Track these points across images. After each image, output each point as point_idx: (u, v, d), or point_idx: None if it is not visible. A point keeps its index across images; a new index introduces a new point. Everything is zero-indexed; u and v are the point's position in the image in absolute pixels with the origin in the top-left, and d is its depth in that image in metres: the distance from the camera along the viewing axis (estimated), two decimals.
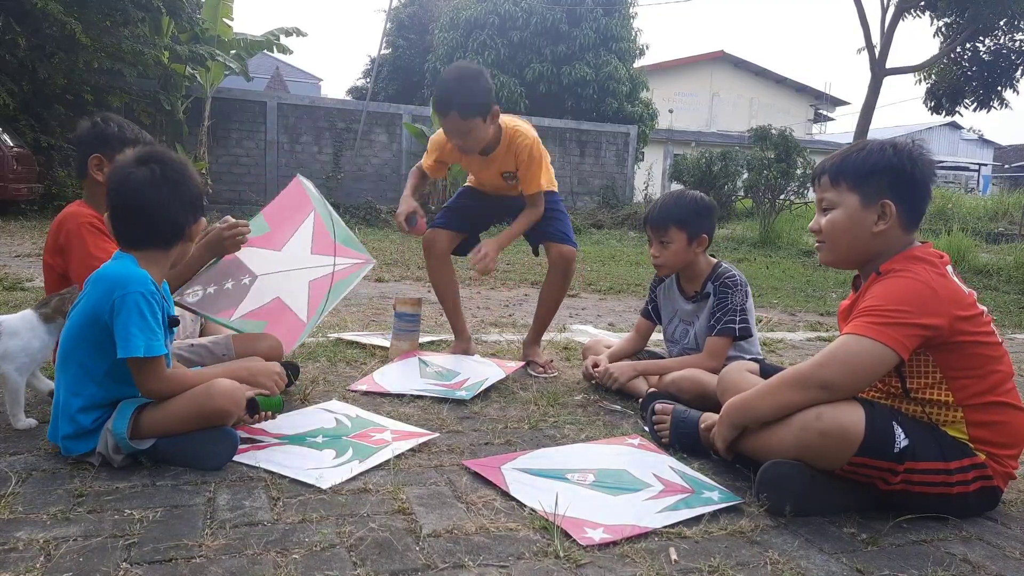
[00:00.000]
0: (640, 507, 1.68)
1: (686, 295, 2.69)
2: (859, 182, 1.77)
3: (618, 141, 16.19)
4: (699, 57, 30.60)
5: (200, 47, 11.56)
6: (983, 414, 1.67)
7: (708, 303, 2.59)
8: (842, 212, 1.81)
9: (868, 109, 10.29)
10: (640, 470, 1.90)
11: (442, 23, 18.48)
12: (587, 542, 1.49)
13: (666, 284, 2.78)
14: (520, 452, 2.01)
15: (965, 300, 1.68)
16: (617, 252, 9.20)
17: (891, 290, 1.67)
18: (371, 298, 4.90)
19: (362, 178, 14.07)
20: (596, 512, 1.64)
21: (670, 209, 2.57)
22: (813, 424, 1.62)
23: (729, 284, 2.55)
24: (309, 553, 1.39)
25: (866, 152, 1.79)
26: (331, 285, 2.53)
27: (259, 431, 2.03)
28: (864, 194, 1.77)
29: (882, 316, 1.63)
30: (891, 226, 1.75)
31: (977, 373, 1.67)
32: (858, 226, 1.78)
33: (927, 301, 1.63)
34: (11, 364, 1.86)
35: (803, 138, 22.24)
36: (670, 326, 2.76)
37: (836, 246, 1.85)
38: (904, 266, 1.70)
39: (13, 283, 4.46)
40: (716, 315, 2.54)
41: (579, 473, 1.87)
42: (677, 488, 1.79)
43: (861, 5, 10.10)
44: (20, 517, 1.47)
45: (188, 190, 1.80)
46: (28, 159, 9.82)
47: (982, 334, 1.67)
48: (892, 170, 1.74)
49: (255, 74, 15.76)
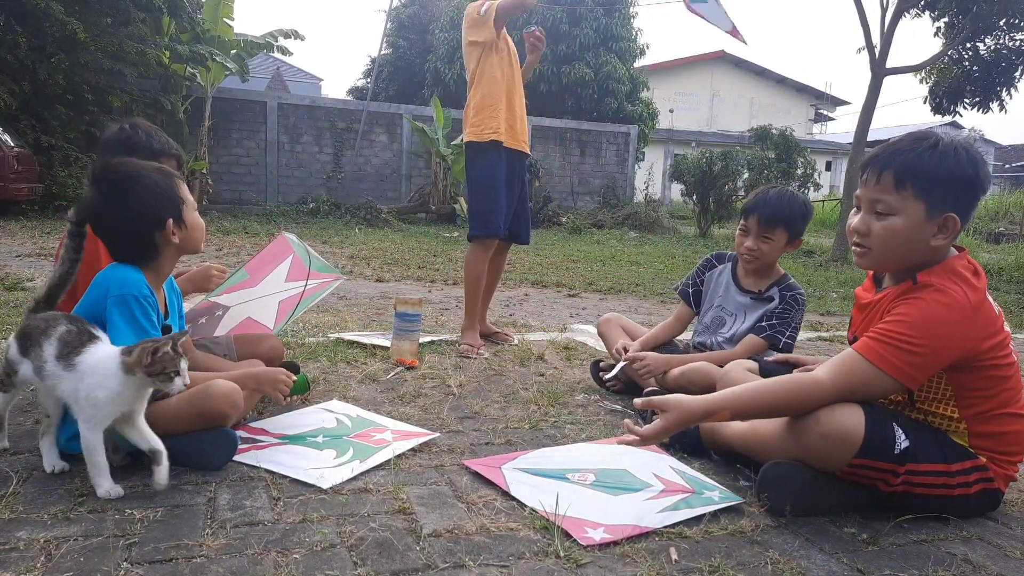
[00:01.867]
0: (641, 507, 1.68)
1: (743, 287, 2.66)
2: (929, 189, 1.57)
3: (618, 141, 16.18)
4: (699, 57, 30.61)
5: (201, 47, 11.56)
6: (986, 426, 1.66)
7: (768, 306, 2.58)
8: (903, 221, 1.60)
9: (868, 109, 10.28)
10: (640, 470, 1.90)
11: (442, 23, 18.47)
12: (588, 542, 1.49)
13: (721, 269, 2.75)
14: (520, 452, 2.02)
15: (995, 325, 1.61)
16: (617, 252, 9.19)
17: (920, 316, 1.56)
18: (371, 298, 4.90)
19: (363, 178, 14.06)
20: (596, 512, 1.63)
21: (784, 207, 2.55)
22: (813, 427, 1.62)
23: (798, 300, 2.58)
24: (310, 553, 1.39)
25: (939, 154, 1.56)
26: (300, 300, 2.58)
27: (259, 431, 2.03)
28: (931, 204, 1.57)
29: (902, 348, 1.56)
30: (949, 239, 1.62)
31: (988, 393, 1.64)
32: (917, 238, 1.60)
33: (955, 332, 1.55)
34: (80, 416, 1.55)
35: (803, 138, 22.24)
36: (708, 311, 2.74)
37: (888, 256, 1.66)
38: (943, 283, 1.58)
39: (14, 283, 4.46)
40: (772, 321, 2.55)
41: (579, 473, 1.87)
42: (678, 488, 1.79)
43: (861, 5, 10.08)
44: (21, 517, 1.47)
45: (138, 201, 1.73)
46: (29, 159, 9.81)
47: (1001, 357, 1.63)
48: (964, 181, 1.56)
49: (256, 74, 15.77)
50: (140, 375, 1.53)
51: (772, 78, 31.60)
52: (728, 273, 2.72)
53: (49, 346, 1.56)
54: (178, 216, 1.80)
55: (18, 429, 1.96)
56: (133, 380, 1.54)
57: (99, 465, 1.55)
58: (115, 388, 1.53)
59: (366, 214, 12.07)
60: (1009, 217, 15.82)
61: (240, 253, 7.25)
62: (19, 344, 1.64)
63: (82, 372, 1.53)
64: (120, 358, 1.54)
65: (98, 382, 1.52)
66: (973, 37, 10.50)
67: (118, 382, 1.53)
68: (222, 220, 10.82)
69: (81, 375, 1.53)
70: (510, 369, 2.99)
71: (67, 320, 1.61)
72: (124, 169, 1.77)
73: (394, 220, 11.97)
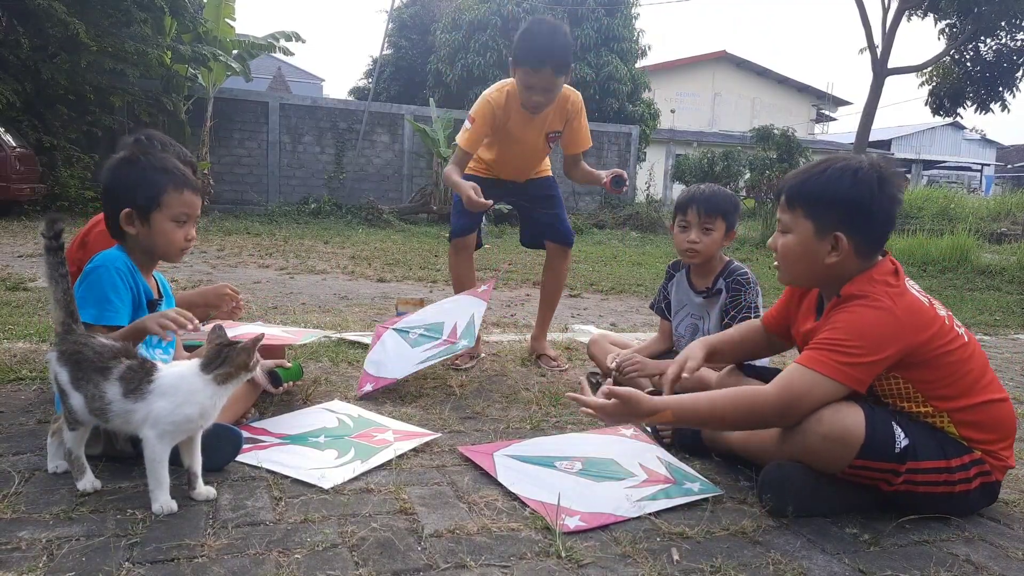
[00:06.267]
0: (619, 495, 1.72)
1: (696, 289, 2.68)
2: (814, 210, 1.70)
3: (620, 141, 16.18)
4: (701, 57, 30.59)
5: (202, 47, 11.57)
6: (967, 415, 1.66)
7: (720, 299, 2.59)
8: (795, 239, 1.74)
9: (870, 109, 10.28)
10: (627, 460, 1.95)
11: (444, 24, 18.48)
12: (563, 528, 1.53)
13: (678, 278, 2.77)
14: (514, 440, 2.05)
15: (926, 317, 1.65)
16: (619, 252, 9.19)
17: (852, 321, 1.62)
18: (373, 298, 4.90)
19: (364, 178, 14.07)
20: (575, 500, 1.67)
21: (720, 198, 2.58)
22: (814, 428, 1.62)
23: (742, 282, 2.56)
24: (311, 553, 1.39)
25: (826, 178, 1.69)
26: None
27: (261, 431, 2.03)
28: (818, 224, 1.69)
29: (840, 352, 1.61)
30: (845, 257, 1.70)
31: (951, 380, 1.66)
32: (811, 255, 1.72)
33: (889, 332, 1.60)
34: (153, 429, 1.51)
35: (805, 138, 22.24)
36: (677, 321, 2.76)
37: (792, 271, 1.81)
38: (864, 290, 1.65)
39: (16, 283, 4.47)
40: (731, 313, 2.55)
41: (567, 461, 1.92)
42: (660, 478, 1.83)
43: (863, 5, 10.09)
44: (23, 517, 1.47)
45: (118, 181, 1.85)
46: (31, 159, 9.83)
47: (946, 343, 1.65)
48: (848, 203, 1.66)
49: (257, 74, 15.78)
50: (231, 381, 1.56)
51: (774, 78, 31.57)
52: (684, 278, 2.74)
53: (111, 388, 1.51)
54: (143, 211, 1.84)
55: (20, 429, 1.97)
56: (222, 389, 1.56)
57: (162, 479, 1.52)
58: (204, 401, 1.53)
59: (368, 214, 12.08)
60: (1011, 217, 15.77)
61: (241, 253, 7.26)
62: (70, 373, 1.54)
63: (161, 394, 1.51)
64: (203, 373, 1.54)
65: (184, 399, 1.51)
66: (974, 38, 10.50)
67: (207, 395, 1.54)
68: (224, 220, 10.83)
69: (160, 396, 1.50)
70: (511, 369, 2.99)
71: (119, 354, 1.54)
72: (136, 152, 1.89)
73: (395, 220, 11.97)
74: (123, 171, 1.85)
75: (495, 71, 17.12)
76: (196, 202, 1.92)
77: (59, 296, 1.58)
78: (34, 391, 2.31)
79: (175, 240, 1.89)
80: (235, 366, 1.55)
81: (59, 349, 1.56)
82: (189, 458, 1.59)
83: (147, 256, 1.92)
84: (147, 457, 1.51)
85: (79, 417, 1.55)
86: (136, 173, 1.84)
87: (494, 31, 17.24)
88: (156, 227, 1.85)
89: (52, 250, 1.57)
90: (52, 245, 1.57)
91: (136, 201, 1.83)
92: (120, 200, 1.84)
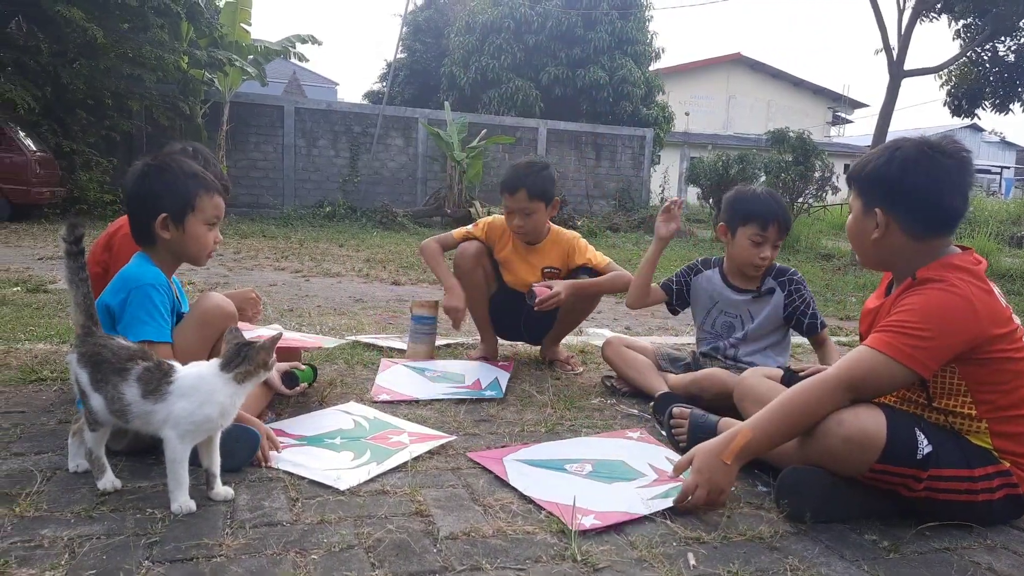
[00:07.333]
0: (632, 495, 1.74)
1: (737, 288, 2.65)
2: (859, 187, 1.77)
3: (634, 144, 16.14)
4: (715, 60, 30.49)
5: (218, 52, 11.68)
6: (1007, 426, 1.64)
7: (773, 299, 2.59)
8: (851, 216, 1.82)
9: (886, 111, 10.19)
10: (637, 460, 1.98)
11: (458, 27, 18.53)
12: (578, 527, 1.54)
13: (708, 274, 2.75)
14: (523, 444, 2.07)
15: (1002, 315, 1.62)
16: (633, 255, 9.16)
17: (924, 304, 1.59)
18: (388, 301, 4.92)
19: (379, 181, 14.13)
20: (589, 500, 1.69)
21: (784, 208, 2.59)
22: (835, 430, 1.60)
23: (798, 280, 2.62)
24: (328, 554, 1.39)
25: (872, 156, 1.76)
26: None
27: (278, 432, 2.04)
28: (864, 200, 1.76)
29: (909, 335, 1.57)
30: (890, 234, 1.70)
31: (1004, 388, 1.63)
32: (861, 232, 1.77)
33: (962, 318, 1.57)
34: (174, 430, 1.52)
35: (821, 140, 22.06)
36: (708, 318, 2.73)
37: (855, 249, 1.87)
38: (941, 275, 1.62)
39: (36, 285, 4.53)
40: (809, 311, 2.57)
41: (577, 464, 1.94)
42: (670, 477, 1.84)
43: (878, 7, 9.99)
44: (45, 515, 1.49)
45: (149, 187, 1.86)
46: (50, 163, 9.96)
47: (1013, 350, 1.62)
48: (882, 178, 1.70)
49: (272, 78, 15.88)
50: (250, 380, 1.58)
51: (789, 80, 31.40)
52: (718, 277, 2.71)
53: (129, 389, 1.53)
54: (177, 215, 1.87)
55: (42, 429, 1.99)
56: (241, 388, 1.58)
57: (181, 479, 1.53)
58: (223, 401, 1.55)
59: (382, 217, 12.13)
60: None
61: (258, 256, 7.30)
62: (90, 375, 1.56)
63: (181, 395, 1.52)
64: (222, 373, 1.56)
65: (205, 399, 1.53)
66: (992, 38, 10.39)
67: (226, 395, 1.56)
68: (240, 224, 10.90)
69: (180, 397, 1.52)
70: (525, 373, 2.99)
71: (136, 356, 1.56)
72: (162, 158, 1.92)
73: (410, 223, 12.01)
74: (154, 177, 1.87)
75: (508, 74, 17.16)
76: (223, 205, 1.97)
77: (79, 299, 1.60)
78: (55, 391, 2.33)
79: (207, 243, 1.94)
80: (255, 364, 1.58)
81: (79, 351, 1.58)
82: (208, 458, 1.61)
83: (174, 260, 1.96)
84: (167, 457, 1.52)
85: (100, 418, 1.57)
86: (169, 178, 1.87)
87: (508, 34, 17.27)
88: (190, 231, 1.89)
89: (72, 255, 1.59)
90: (72, 250, 1.59)
91: (171, 206, 1.86)
92: (151, 206, 1.86)
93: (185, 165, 1.92)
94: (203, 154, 2.36)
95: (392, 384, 2.63)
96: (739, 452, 1.63)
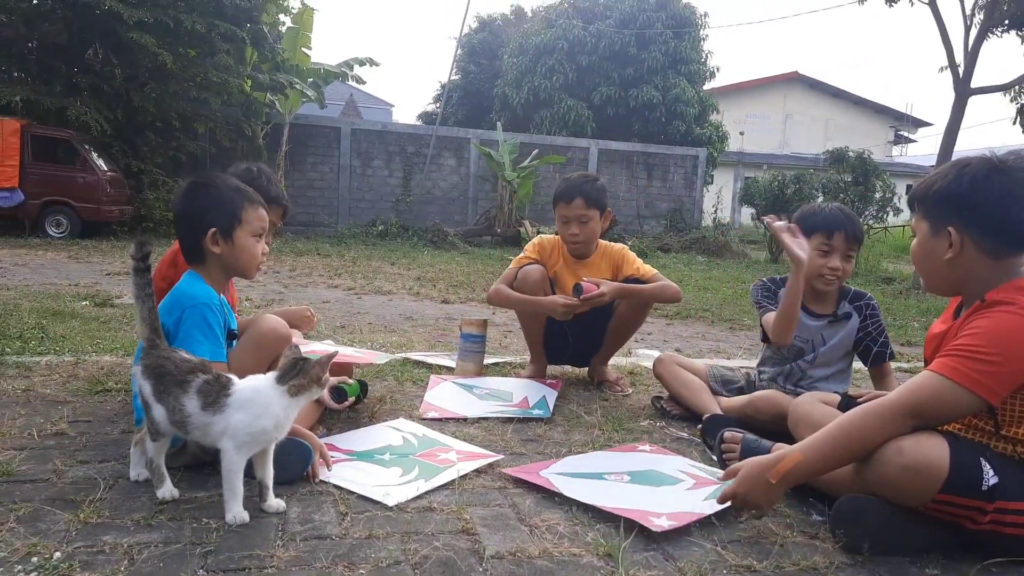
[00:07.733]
0: (687, 496, 1.77)
1: (812, 313, 2.56)
2: (926, 208, 1.72)
3: (686, 164, 16.01)
4: (772, 78, 30.08)
5: (280, 76, 12.10)
6: None
7: (849, 324, 2.53)
8: (917, 240, 1.77)
9: (952, 130, 9.86)
10: (667, 468, 2.02)
11: (511, 48, 18.78)
12: (658, 528, 1.57)
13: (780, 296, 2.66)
14: (552, 460, 2.08)
15: None
16: (684, 276, 9.05)
17: (993, 327, 1.54)
18: (437, 319, 4.97)
19: (431, 201, 14.34)
20: (651, 503, 1.71)
21: (860, 223, 2.58)
22: (894, 459, 1.55)
23: (875, 305, 2.58)
24: (375, 568, 1.41)
25: (937, 176, 1.71)
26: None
27: (329, 447, 2.08)
28: (932, 221, 1.70)
29: (976, 359, 1.52)
30: (965, 254, 1.65)
31: None
32: (930, 254, 1.72)
33: None
34: (231, 441, 1.56)
35: (882, 160, 21.49)
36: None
37: (920, 272, 1.82)
38: (1013, 297, 1.57)
39: (104, 300, 4.73)
40: (881, 339, 2.52)
41: (614, 474, 1.96)
42: (707, 480, 1.89)
43: (943, 23, 9.73)
44: (107, 521, 1.54)
45: (197, 204, 1.91)
46: (120, 183, 10.45)
47: None
48: (952, 196, 1.65)
49: (330, 101, 16.35)
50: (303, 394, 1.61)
51: (849, 99, 30.74)
52: None
53: (189, 401, 1.58)
54: (226, 230, 1.91)
55: (105, 438, 2.07)
56: (295, 401, 1.61)
57: (236, 490, 1.56)
58: (278, 414, 1.58)
59: (433, 236, 12.29)
60: None
61: (312, 273, 7.48)
62: (153, 386, 1.62)
63: (239, 406, 1.57)
64: (278, 385, 1.59)
65: (260, 411, 1.57)
66: None
67: (281, 407, 1.59)
68: (296, 242, 11.19)
69: (238, 409, 1.56)
70: (573, 394, 2.98)
71: (197, 369, 1.62)
72: (206, 176, 1.98)
73: (460, 243, 12.13)
74: (201, 193, 1.93)
75: (560, 94, 17.27)
76: (267, 217, 2.02)
77: (145, 314, 1.67)
78: (119, 402, 2.43)
79: (256, 254, 1.98)
80: (309, 379, 1.61)
81: (143, 363, 1.64)
82: (262, 471, 1.64)
83: (225, 276, 2.01)
84: (224, 468, 1.56)
85: (161, 428, 1.62)
86: (214, 194, 1.92)
87: (560, 54, 17.41)
88: (239, 243, 1.93)
89: (140, 271, 1.66)
90: (140, 267, 1.66)
91: (219, 220, 1.91)
92: (200, 222, 1.90)
93: (228, 180, 1.97)
94: (266, 174, 2.43)
95: (441, 401, 2.66)
96: (786, 474, 1.59)
